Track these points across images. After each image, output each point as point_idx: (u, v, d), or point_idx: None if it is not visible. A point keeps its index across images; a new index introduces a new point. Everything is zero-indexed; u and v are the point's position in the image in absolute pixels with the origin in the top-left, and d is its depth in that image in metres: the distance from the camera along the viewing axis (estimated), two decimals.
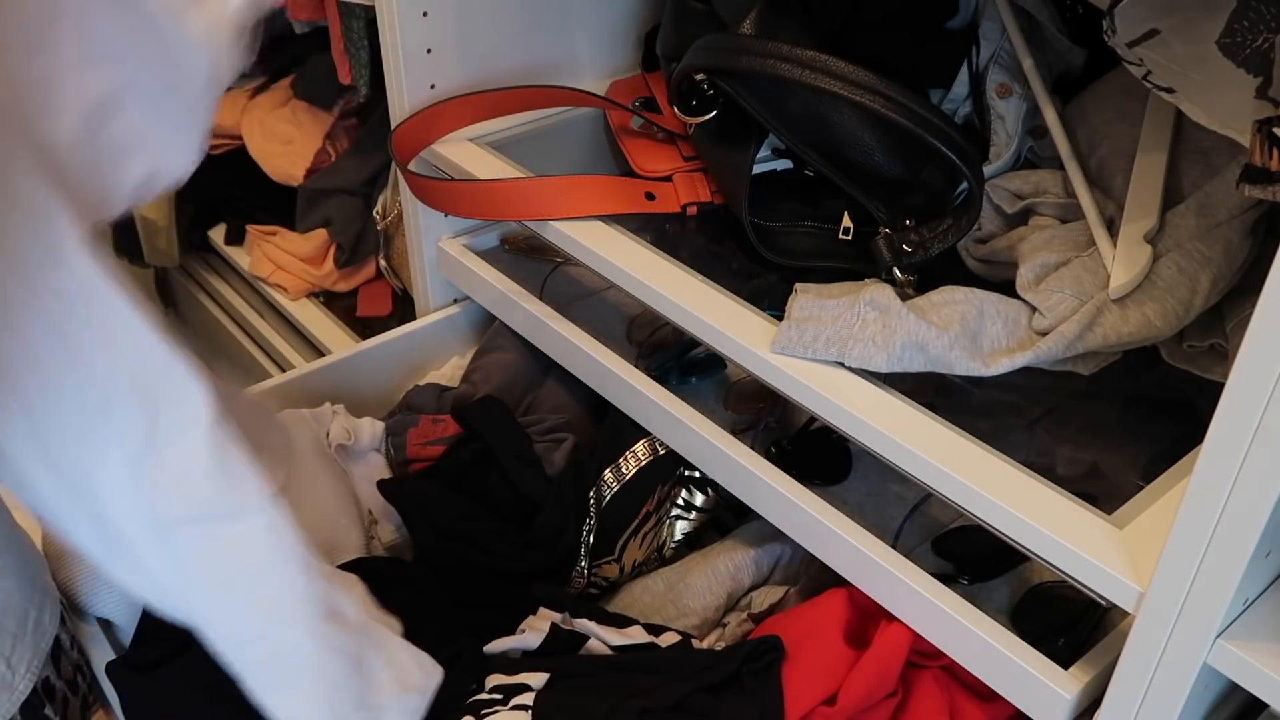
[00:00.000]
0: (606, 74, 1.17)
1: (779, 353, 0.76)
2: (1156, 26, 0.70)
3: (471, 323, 1.16)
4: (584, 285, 1.10)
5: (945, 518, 0.86)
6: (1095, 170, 0.86)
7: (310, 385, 1.04)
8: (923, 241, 0.84)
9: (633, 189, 0.95)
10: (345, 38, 1.30)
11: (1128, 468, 0.72)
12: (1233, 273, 0.78)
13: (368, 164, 1.43)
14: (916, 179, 0.88)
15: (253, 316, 1.55)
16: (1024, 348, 0.75)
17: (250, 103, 1.53)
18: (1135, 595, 0.59)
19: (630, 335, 1.06)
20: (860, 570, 0.75)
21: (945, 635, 0.71)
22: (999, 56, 0.91)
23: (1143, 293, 0.76)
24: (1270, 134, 0.59)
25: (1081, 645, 0.70)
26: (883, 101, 0.79)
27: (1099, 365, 0.79)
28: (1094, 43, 0.85)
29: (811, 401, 0.75)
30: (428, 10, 0.99)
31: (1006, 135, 0.91)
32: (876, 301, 0.75)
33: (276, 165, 1.48)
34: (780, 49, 0.82)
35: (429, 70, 1.02)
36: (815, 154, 0.89)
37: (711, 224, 0.96)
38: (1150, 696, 0.60)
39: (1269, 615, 0.58)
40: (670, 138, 1.02)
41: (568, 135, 1.10)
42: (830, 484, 0.90)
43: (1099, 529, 0.63)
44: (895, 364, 0.74)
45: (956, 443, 0.70)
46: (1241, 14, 0.67)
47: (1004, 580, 0.82)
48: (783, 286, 0.82)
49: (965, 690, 0.79)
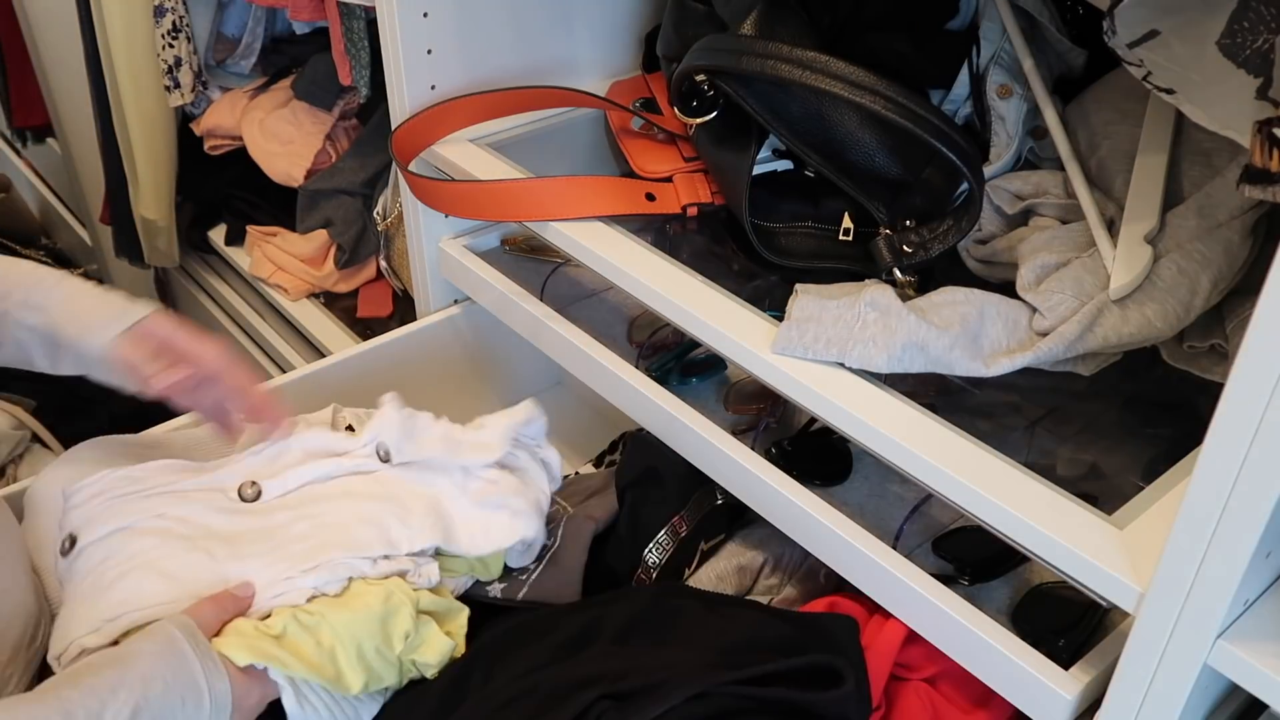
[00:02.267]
0: (607, 75, 1.17)
1: (779, 353, 0.76)
2: (1157, 27, 0.70)
3: (472, 323, 1.16)
4: (584, 286, 1.10)
5: (945, 518, 0.86)
6: (1096, 171, 0.86)
7: (310, 386, 1.04)
8: (923, 242, 0.84)
9: (633, 190, 0.95)
10: (346, 38, 1.30)
11: (1128, 468, 0.72)
12: (1233, 273, 0.78)
13: (368, 165, 1.43)
14: (917, 180, 0.88)
15: (253, 317, 1.55)
16: (1024, 348, 0.75)
17: (250, 103, 1.53)
18: (1135, 596, 0.59)
19: (630, 336, 1.07)
20: (861, 571, 0.75)
21: (945, 636, 0.71)
22: (999, 57, 0.91)
23: (1143, 293, 0.76)
24: (1270, 135, 0.59)
25: (1082, 646, 0.71)
26: (883, 102, 0.79)
27: (1099, 366, 0.79)
28: (1094, 43, 0.85)
29: (812, 402, 0.75)
30: (428, 11, 0.99)
31: (1007, 136, 0.91)
32: (877, 302, 0.75)
33: (276, 166, 1.48)
34: (781, 50, 0.82)
35: (429, 71, 1.02)
36: (816, 155, 0.89)
37: (712, 225, 0.96)
38: (1150, 697, 0.60)
39: (1269, 616, 0.58)
40: (671, 138, 1.02)
41: (568, 136, 1.10)
42: (830, 485, 0.90)
43: (1099, 529, 0.63)
44: (895, 365, 0.74)
45: (957, 443, 0.70)
46: (1242, 15, 0.67)
47: (1004, 581, 0.82)
48: (783, 287, 0.82)
49: (947, 703, 0.79)
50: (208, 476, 0.83)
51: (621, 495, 0.95)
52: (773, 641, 0.76)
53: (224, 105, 1.56)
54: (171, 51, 1.48)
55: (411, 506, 0.83)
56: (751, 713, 0.72)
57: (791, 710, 0.73)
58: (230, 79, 1.60)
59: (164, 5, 1.45)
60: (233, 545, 0.79)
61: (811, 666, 0.74)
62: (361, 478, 0.85)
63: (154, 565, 0.76)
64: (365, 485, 0.84)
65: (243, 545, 0.79)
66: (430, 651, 0.78)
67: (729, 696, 0.72)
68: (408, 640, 0.77)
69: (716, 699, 0.71)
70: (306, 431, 0.87)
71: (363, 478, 0.85)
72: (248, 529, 0.80)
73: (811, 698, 0.73)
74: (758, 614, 0.80)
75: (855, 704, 0.73)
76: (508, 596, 0.88)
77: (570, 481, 1.03)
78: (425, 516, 0.82)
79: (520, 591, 0.88)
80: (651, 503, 0.93)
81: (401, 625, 0.76)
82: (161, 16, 1.46)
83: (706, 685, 0.71)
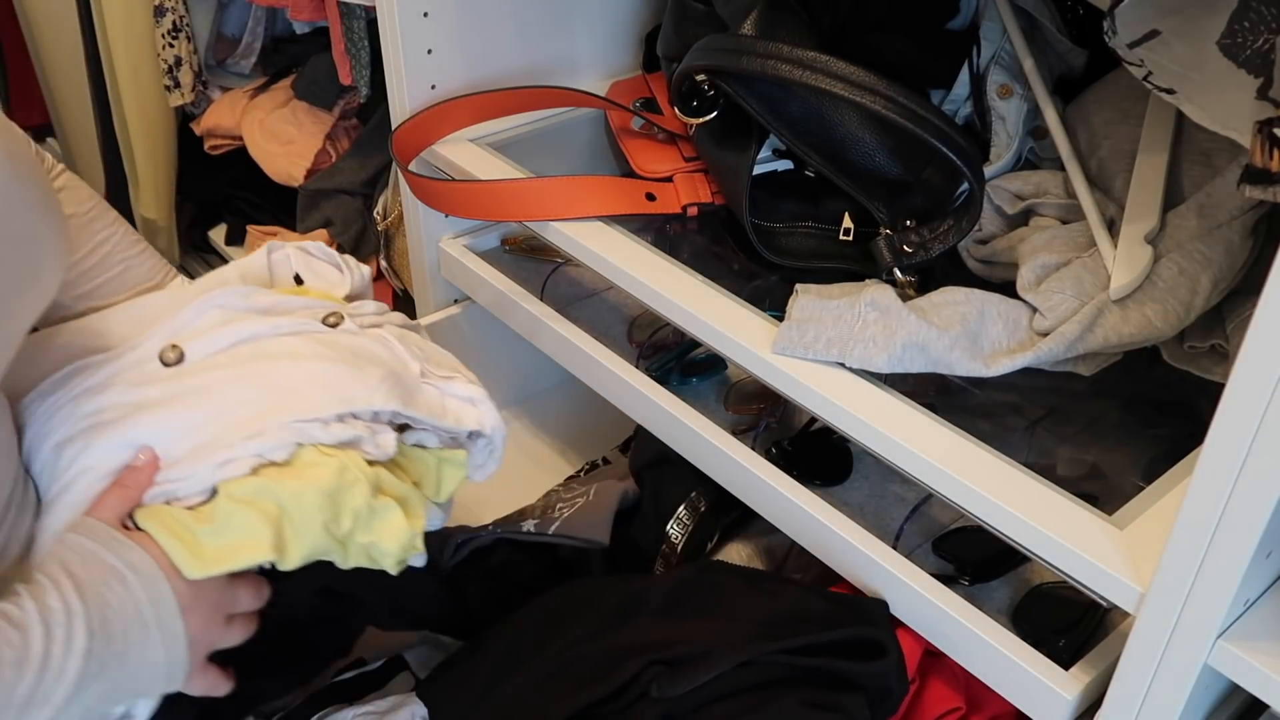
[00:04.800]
0: (607, 75, 1.17)
1: (779, 353, 0.76)
2: (1157, 27, 0.70)
3: (472, 323, 1.16)
4: (584, 286, 1.10)
5: (946, 518, 0.86)
6: (1096, 171, 0.86)
7: None
8: (923, 242, 0.84)
9: (633, 189, 0.95)
10: (346, 38, 1.31)
11: (1128, 468, 0.72)
12: (1233, 273, 0.78)
13: (368, 164, 1.43)
14: (917, 180, 0.88)
15: None
16: (1025, 348, 0.75)
17: (251, 103, 1.53)
18: (1136, 596, 0.59)
19: (631, 336, 1.06)
20: (861, 571, 0.75)
21: (946, 636, 0.71)
22: (1000, 57, 0.91)
23: (1143, 293, 0.76)
24: (1271, 135, 0.59)
25: (1082, 646, 0.71)
26: (883, 102, 0.79)
27: (1100, 366, 0.79)
28: (1095, 44, 0.85)
29: (812, 402, 0.75)
30: (428, 11, 0.99)
31: (1007, 136, 0.91)
32: (877, 302, 0.75)
33: (277, 165, 1.48)
34: (781, 50, 0.82)
35: (430, 71, 1.02)
36: (816, 155, 0.89)
37: (712, 224, 0.96)
38: (1151, 697, 0.60)
39: (1269, 616, 0.58)
40: (671, 138, 1.02)
41: (568, 136, 1.10)
42: (831, 485, 0.90)
43: (1100, 530, 0.63)
44: (896, 364, 0.74)
45: (957, 443, 0.70)
46: (1242, 15, 0.67)
47: (1004, 581, 0.82)
48: (783, 287, 0.82)
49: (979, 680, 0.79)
50: (119, 361, 0.73)
51: (639, 478, 0.98)
52: (814, 615, 0.77)
53: (224, 105, 1.56)
54: (172, 51, 1.49)
55: (368, 369, 0.73)
56: (796, 681, 0.73)
57: (834, 680, 0.74)
58: (230, 79, 1.61)
59: (164, 5, 1.45)
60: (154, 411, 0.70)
61: (854, 638, 0.74)
62: (306, 338, 0.74)
63: (92, 471, 0.69)
64: (311, 346, 0.74)
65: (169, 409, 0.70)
66: (388, 537, 0.70)
67: (774, 665, 0.73)
68: (358, 519, 0.69)
69: (762, 667, 0.73)
70: (229, 290, 0.76)
71: (307, 338, 0.74)
72: (179, 392, 0.71)
73: (855, 668, 0.73)
74: (798, 589, 0.81)
75: (896, 676, 0.74)
76: (540, 531, 0.90)
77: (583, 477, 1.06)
78: (385, 380, 0.73)
79: (552, 526, 0.91)
80: (669, 481, 0.95)
81: (352, 501, 0.69)
82: (161, 16, 1.46)
83: (753, 654, 0.72)
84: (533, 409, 1.26)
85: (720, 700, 0.72)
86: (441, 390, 0.77)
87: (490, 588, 0.92)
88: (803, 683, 0.73)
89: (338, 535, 0.69)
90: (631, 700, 0.72)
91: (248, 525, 0.67)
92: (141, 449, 0.68)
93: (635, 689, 0.72)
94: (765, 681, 0.73)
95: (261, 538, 0.66)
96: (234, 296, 0.76)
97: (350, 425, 0.70)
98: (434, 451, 0.75)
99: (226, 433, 0.69)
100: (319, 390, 0.71)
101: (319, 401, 0.70)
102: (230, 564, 0.66)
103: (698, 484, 0.93)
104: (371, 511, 0.69)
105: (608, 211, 0.92)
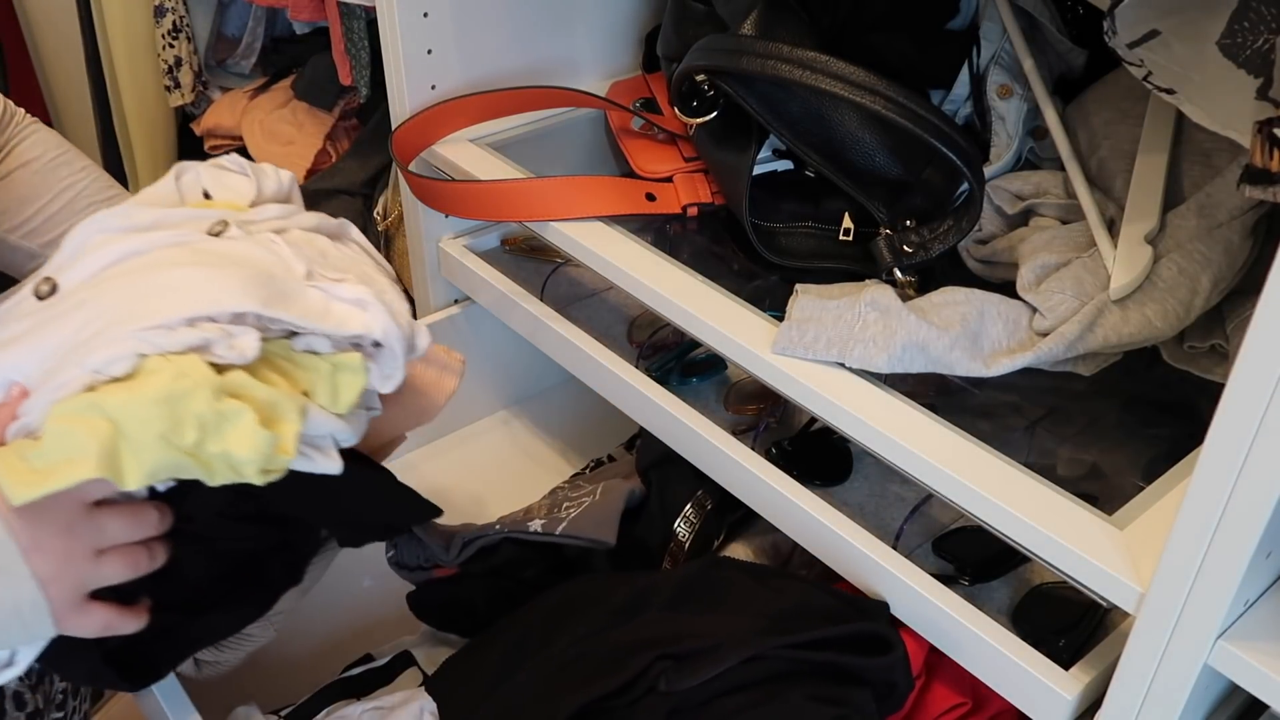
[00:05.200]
0: (607, 75, 1.17)
1: (779, 353, 0.76)
2: (1157, 27, 0.70)
3: (472, 323, 1.16)
4: (584, 286, 1.10)
5: (946, 518, 0.86)
6: (1096, 171, 0.86)
7: None
8: (923, 242, 0.84)
9: (633, 190, 0.95)
10: (346, 38, 1.31)
11: (1128, 468, 0.72)
12: (1233, 274, 0.78)
13: (368, 165, 1.43)
14: (917, 180, 0.88)
15: None
16: (1025, 348, 0.75)
17: (250, 103, 1.53)
18: (1136, 596, 0.59)
19: (631, 336, 1.06)
20: (861, 570, 0.75)
21: (946, 636, 0.71)
22: (1000, 57, 0.91)
23: (1143, 294, 0.76)
24: (1271, 135, 0.59)
25: (1082, 646, 0.70)
26: (883, 102, 0.79)
27: (1099, 366, 0.79)
28: (1095, 44, 0.85)
29: (812, 402, 0.75)
30: (428, 11, 0.99)
31: (1007, 136, 0.91)
32: (877, 302, 0.75)
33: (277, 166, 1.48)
34: (781, 50, 0.82)
35: (429, 71, 1.02)
36: (816, 155, 0.89)
37: (712, 225, 0.96)
38: (1151, 697, 0.60)
39: (1269, 616, 0.58)
40: (671, 138, 1.02)
41: (568, 136, 1.10)
42: (831, 485, 0.90)
43: (1099, 529, 0.63)
44: (896, 365, 0.74)
45: (957, 443, 0.70)
46: (1242, 15, 0.67)
47: (1004, 581, 0.82)
48: (783, 287, 0.82)
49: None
50: (6, 304, 0.70)
51: (645, 477, 0.98)
52: (821, 611, 0.77)
53: (224, 105, 1.56)
54: (172, 51, 1.49)
55: (227, 271, 0.66)
56: (803, 675, 0.74)
57: (841, 675, 0.74)
58: (230, 79, 1.61)
59: (164, 5, 1.45)
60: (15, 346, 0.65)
61: (860, 634, 0.75)
62: (179, 249, 0.69)
63: None
64: (182, 255, 0.68)
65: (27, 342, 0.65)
66: (240, 444, 0.62)
67: (781, 660, 0.73)
68: (205, 428, 0.62)
69: (769, 662, 0.73)
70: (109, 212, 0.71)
71: (181, 248, 0.69)
72: (41, 322, 0.66)
73: (862, 663, 0.74)
74: (805, 585, 0.81)
75: (902, 671, 0.74)
76: (547, 531, 0.90)
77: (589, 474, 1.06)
78: (246, 281, 0.66)
79: (559, 527, 0.90)
80: (675, 480, 0.95)
81: (193, 408, 0.61)
82: (162, 16, 1.46)
83: (760, 649, 0.72)
84: (533, 409, 1.27)
85: (728, 694, 0.72)
86: (327, 293, 0.70)
87: (496, 585, 0.92)
88: (809, 677, 0.73)
89: (184, 447, 0.62)
90: (639, 694, 0.72)
91: (72, 443, 0.61)
92: (11, 385, 0.64)
93: (643, 683, 0.72)
94: (772, 676, 0.73)
95: (86, 454, 0.60)
96: (114, 218, 0.70)
97: (200, 329, 0.64)
98: (327, 357, 0.69)
99: (73, 354, 0.64)
100: (167, 295, 0.65)
101: (164, 307, 0.64)
102: (49, 485, 0.60)
103: (703, 483, 0.93)
104: (220, 417, 0.62)
105: (608, 211, 0.92)
